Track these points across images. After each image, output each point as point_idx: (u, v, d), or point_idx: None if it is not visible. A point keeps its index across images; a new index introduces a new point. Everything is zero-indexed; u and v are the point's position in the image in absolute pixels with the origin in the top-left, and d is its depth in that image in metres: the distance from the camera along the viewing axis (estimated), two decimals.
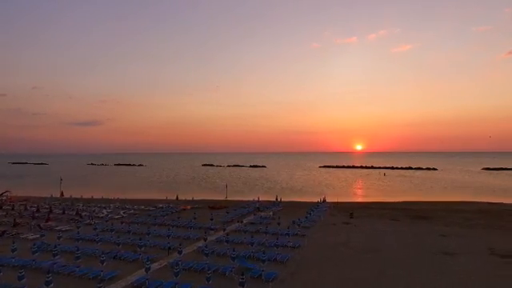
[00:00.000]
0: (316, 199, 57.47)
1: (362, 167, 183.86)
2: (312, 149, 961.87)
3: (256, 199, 54.24)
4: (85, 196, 64.69)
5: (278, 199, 57.22)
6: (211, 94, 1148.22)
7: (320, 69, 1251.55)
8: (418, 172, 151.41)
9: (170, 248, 26.86)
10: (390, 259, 25.45)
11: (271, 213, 44.71)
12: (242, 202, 55.87)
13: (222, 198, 64.02)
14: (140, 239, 27.54)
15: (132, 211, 47.50)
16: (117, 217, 43.09)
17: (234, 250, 23.60)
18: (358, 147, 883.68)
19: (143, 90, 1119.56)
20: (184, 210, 50.00)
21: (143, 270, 21.41)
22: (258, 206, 48.93)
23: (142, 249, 25.95)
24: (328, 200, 57.13)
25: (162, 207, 50.56)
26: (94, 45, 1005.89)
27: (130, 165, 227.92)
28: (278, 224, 35.25)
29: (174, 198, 61.42)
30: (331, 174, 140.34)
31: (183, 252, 25.11)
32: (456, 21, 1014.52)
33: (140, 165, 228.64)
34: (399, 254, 26.91)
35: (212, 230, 34.36)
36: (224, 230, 34.21)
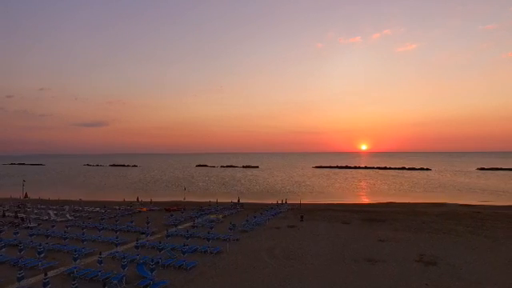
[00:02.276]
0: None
1: (355, 167, 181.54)
2: (317, 149, 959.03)
3: (214, 201, 52.96)
4: (52, 197, 63.90)
5: (237, 201, 55.67)
6: (215, 95, 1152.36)
7: (324, 69, 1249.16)
8: (411, 172, 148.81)
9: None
10: (304, 267, 23.86)
11: (221, 216, 43.28)
12: (200, 203, 54.48)
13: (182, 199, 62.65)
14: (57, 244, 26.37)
15: (82, 213, 46.42)
16: (60, 219, 42.03)
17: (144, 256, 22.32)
18: (363, 147, 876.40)
19: (148, 91, 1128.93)
20: (140, 211, 48.91)
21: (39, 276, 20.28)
22: (202, 208, 47.70)
23: (42, 255, 24.67)
24: (295, 202, 55.57)
25: (118, 209, 49.53)
26: (100, 47, 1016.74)
27: (124, 165, 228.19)
28: (210, 229, 33.95)
29: (135, 199, 60.10)
30: (319, 175, 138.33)
31: (93, 258, 23.85)
32: (462, 19, 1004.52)
33: (134, 165, 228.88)
34: (319, 261, 25.30)
35: (144, 233, 33.05)
36: (148, 234, 32.71)
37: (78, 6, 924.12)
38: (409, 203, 58.06)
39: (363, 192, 78.23)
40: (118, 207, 50.69)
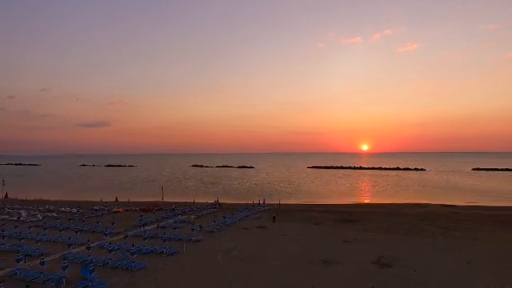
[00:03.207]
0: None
1: (350, 168, 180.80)
2: (317, 149, 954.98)
3: (192, 201, 52.42)
4: (35, 198, 63.54)
5: (215, 201, 55.16)
6: (216, 95, 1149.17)
7: (325, 69, 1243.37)
8: (404, 173, 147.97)
9: (25, 255, 25.10)
10: (257, 268, 23.29)
11: (193, 216, 42.74)
12: (178, 203, 53.94)
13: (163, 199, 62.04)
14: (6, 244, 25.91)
15: (54, 214, 45.95)
16: (31, 220, 41.54)
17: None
18: (364, 148, 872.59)
19: (149, 91, 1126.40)
20: (116, 212, 48.46)
21: None
22: (174, 208, 47.25)
23: None
24: (274, 202, 54.98)
25: (92, 209, 49.07)
26: (101, 47, 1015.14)
27: (120, 166, 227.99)
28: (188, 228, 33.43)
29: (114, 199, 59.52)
30: (312, 175, 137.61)
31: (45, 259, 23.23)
32: (462, 19, 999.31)
33: (130, 166, 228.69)
34: (275, 262, 24.72)
35: (106, 234, 32.51)
36: (107, 235, 32.08)
37: (79, 6, 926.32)
38: (391, 204, 57.48)
39: (349, 193, 77.44)
40: (94, 208, 50.19)
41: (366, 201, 60.83)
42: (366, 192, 77.84)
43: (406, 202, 60.05)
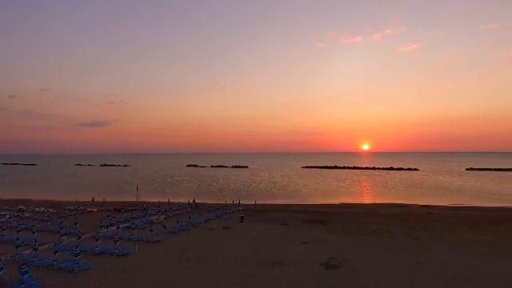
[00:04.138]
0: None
1: (344, 168, 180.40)
2: (318, 149, 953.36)
3: (166, 201, 52.12)
4: (6, 198, 63.42)
5: (192, 201, 54.85)
6: (217, 95, 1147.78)
7: (326, 69, 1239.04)
8: (396, 173, 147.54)
9: None
10: (201, 270, 22.98)
11: (163, 217, 42.46)
12: (154, 203, 53.69)
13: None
14: None
15: (27, 214, 45.76)
16: None
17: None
18: (365, 147, 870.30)
19: (150, 91, 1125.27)
20: (89, 212, 48.24)
21: None
22: (146, 207, 47.02)
23: None
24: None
25: (70, 209, 48.88)
26: (102, 47, 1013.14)
27: (114, 165, 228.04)
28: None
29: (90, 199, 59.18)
30: (302, 175, 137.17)
31: None
32: (463, 19, 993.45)
33: (125, 165, 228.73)
34: (223, 263, 24.43)
35: (65, 235, 32.24)
36: (62, 235, 31.76)
37: (80, 5, 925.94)
38: (370, 204, 57.18)
39: (333, 192, 76.91)
40: (67, 207, 49.95)
41: (346, 201, 60.39)
42: (351, 192, 77.41)
43: (386, 202, 59.74)
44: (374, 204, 56.76)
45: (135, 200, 58.30)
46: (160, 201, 53.04)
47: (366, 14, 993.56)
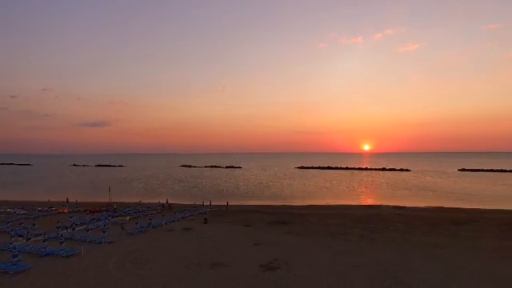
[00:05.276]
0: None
1: (336, 168, 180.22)
2: (318, 149, 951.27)
3: (137, 202, 52.24)
4: None
5: (166, 202, 54.92)
6: (218, 95, 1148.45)
7: (326, 69, 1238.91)
8: (386, 173, 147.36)
9: None
10: (139, 272, 23.14)
11: (127, 218, 42.60)
12: (128, 204, 53.85)
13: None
14: None
15: None
16: None
17: None
18: (366, 148, 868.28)
19: (151, 91, 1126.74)
20: (60, 213, 48.38)
21: None
22: (116, 208, 47.14)
23: None
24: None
25: (40, 210, 49.04)
26: (103, 47, 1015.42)
27: (109, 166, 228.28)
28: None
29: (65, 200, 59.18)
30: (293, 175, 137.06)
31: None
32: (464, 19, 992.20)
33: (120, 165, 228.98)
34: (164, 265, 24.53)
35: (21, 236, 32.40)
36: (13, 236, 31.87)
37: (81, 6, 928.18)
38: (344, 205, 57.10)
39: (314, 193, 76.83)
40: (38, 208, 50.12)
41: (323, 202, 60.33)
42: (332, 193, 77.23)
43: (361, 203, 59.75)
44: (348, 205, 56.70)
45: (107, 201, 58.51)
46: (130, 202, 53.10)
47: (367, 14, 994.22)
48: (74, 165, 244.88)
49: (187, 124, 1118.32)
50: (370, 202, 61.23)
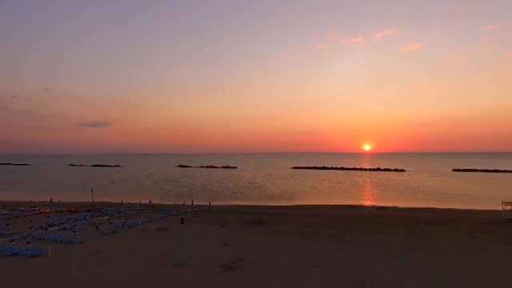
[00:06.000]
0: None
1: (331, 168, 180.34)
2: (318, 149, 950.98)
3: (119, 202, 52.41)
4: None
5: (149, 202, 55.12)
6: (217, 95, 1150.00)
7: (326, 69, 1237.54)
8: (380, 173, 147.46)
9: None
10: (101, 272, 23.26)
11: (106, 218, 42.74)
12: (104, 204, 54.02)
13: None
14: None
15: None
16: None
17: None
18: (367, 148, 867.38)
19: (151, 91, 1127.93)
20: (41, 213, 48.54)
21: None
22: (98, 208, 47.31)
23: None
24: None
25: (21, 209, 49.23)
26: (103, 47, 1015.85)
27: (106, 166, 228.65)
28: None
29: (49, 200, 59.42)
30: (286, 175, 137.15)
31: None
32: (464, 19, 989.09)
33: (117, 165, 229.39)
34: (127, 265, 24.62)
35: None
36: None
37: (81, 6, 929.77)
38: (326, 205, 57.09)
39: (302, 193, 76.78)
40: (21, 208, 50.32)
41: (307, 202, 60.46)
42: (319, 193, 77.26)
43: (345, 203, 59.80)
44: (331, 205, 56.76)
45: (91, 201, 58.70)
46: (113, 202, 53.30)
47: (367, 14, 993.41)
48: (71, 165, 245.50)
49: (187, 124, 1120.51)
50: (354, 202, 61.25)
